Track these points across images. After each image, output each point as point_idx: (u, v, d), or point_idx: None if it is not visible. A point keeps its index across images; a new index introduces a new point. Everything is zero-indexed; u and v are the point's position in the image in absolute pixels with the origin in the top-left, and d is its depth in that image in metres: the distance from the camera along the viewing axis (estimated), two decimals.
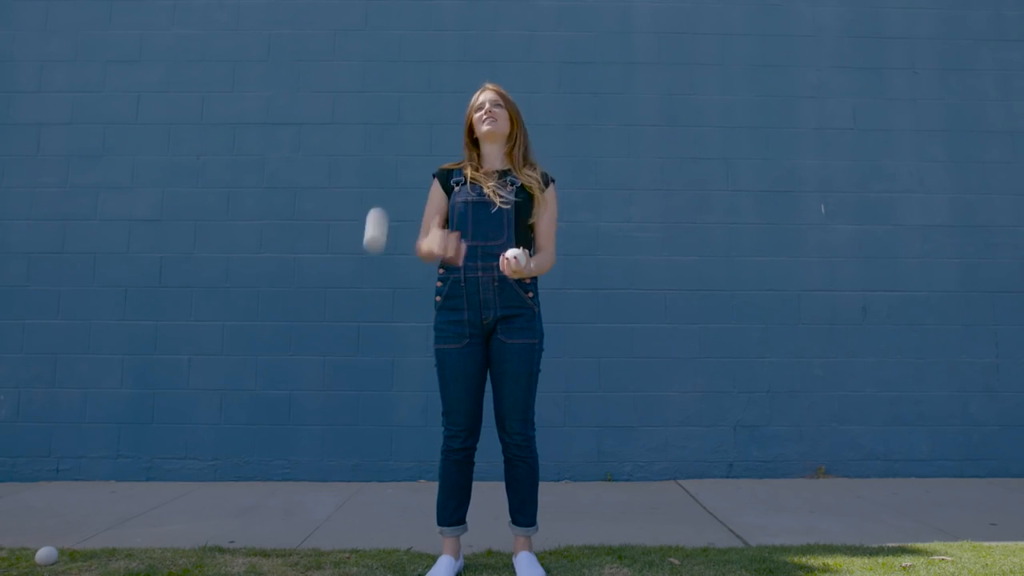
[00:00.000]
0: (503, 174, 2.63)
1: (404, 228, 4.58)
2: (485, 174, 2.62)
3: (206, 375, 4.47)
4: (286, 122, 4.70)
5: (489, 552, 2.89)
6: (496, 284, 2.49)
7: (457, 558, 2.63)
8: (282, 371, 4.48)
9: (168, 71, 4.73)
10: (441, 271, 2.56)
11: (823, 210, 4.69)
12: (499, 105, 2.63)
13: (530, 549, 2.63)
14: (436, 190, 2.67)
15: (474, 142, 2.72)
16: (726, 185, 4.70)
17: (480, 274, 2.49)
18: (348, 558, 2.81)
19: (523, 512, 2.61)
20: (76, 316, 4.51)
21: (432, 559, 2.78)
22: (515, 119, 2.67)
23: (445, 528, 2.62)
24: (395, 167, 4.65)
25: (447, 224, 2.63)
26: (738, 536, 3.21)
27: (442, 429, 2.61)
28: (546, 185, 2.64)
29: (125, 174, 4.63)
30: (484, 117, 2.61)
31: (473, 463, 2.61)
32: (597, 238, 4.62)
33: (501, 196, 2.54)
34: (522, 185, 2.60)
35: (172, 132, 4.68)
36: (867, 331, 4.59)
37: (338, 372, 4.48)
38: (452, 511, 2.60)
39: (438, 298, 2.56)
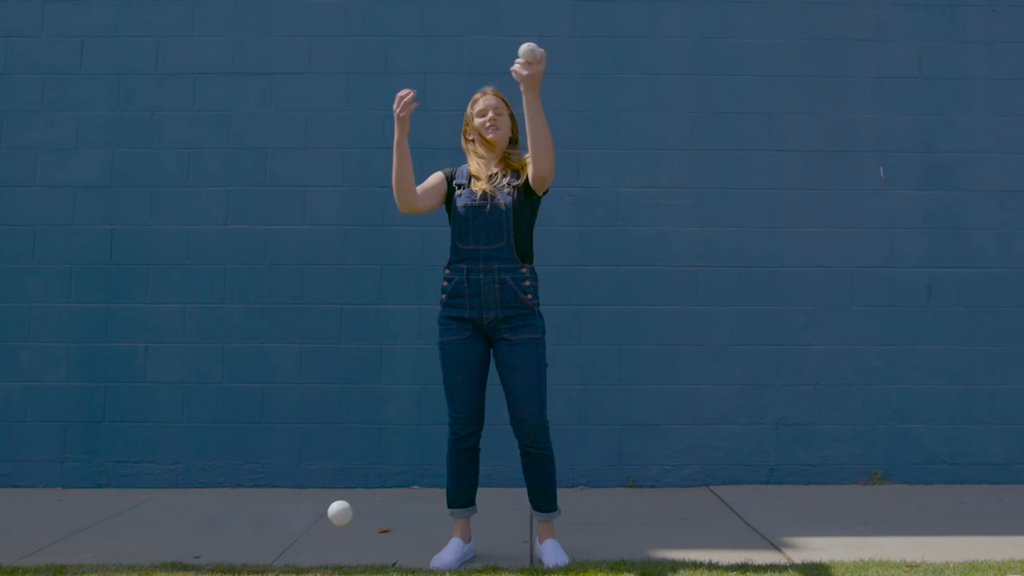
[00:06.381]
0: (503, 174, 3.08)
1: (391, 195, 4.55)
2: (484, 176, 3.05)
3: (165, 366, 4.48)
4: (255, 71, 4.66)
5: (494, 568, 2.93)
6: (497, 286, 2.96)
7: (467, 541, 3.10)
8: (253, 361, 4.49)
9: (117, 12, 4.68)
10: (447, 271, 3.04)
11: (882, 173, 4.65)
12: (501, 114, 3.10)
13: (553, 535, 3.08)
14: (437, 175, 3.15)
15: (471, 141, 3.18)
16: (768, 144, 4.66)
17: (482, 276, 2.97)
18: None
19: (545, 499, 3.06)
20: (13, 298, 4.50)
21: (425, 574, 2.88)
22: (516, 125, 3.18)
23: (455, 510, 3.09)
24: (382, 124, 4.61)
25: (450, 223, 3.11)
26: (780, 551, 3.22)
27: (448, 420, 3.07)
28: None
29: (68, 133, 4.61)
30: (488, 125, 3.07)
31: (479, 449, 3.09)
32: (618, 206, 4.59)
33: (498, 194, 3.00)
34: (518, 170, 3.08)
35: (122, 83, 4.64)
36: (933, 314, 4.56)
37: (318, 362, 4.48)
38: (462, 494, 3.08)
39: (443, 296, 3.05)
